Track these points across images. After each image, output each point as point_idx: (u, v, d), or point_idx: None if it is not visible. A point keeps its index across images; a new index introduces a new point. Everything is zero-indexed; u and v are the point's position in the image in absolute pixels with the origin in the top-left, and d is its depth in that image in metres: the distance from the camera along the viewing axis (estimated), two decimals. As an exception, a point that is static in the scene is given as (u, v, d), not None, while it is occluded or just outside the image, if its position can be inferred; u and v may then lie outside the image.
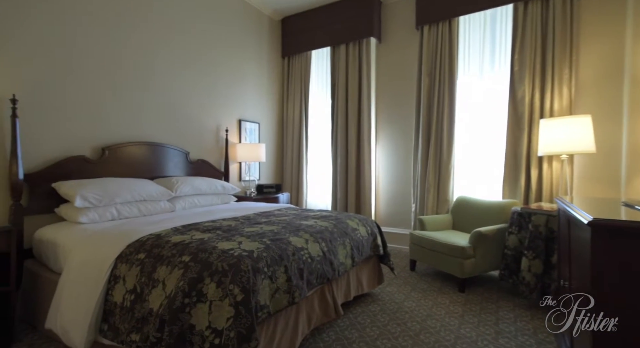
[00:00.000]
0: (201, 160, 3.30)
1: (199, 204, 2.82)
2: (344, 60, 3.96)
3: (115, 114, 2.64)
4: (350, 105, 3.90)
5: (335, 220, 2.06)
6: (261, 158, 3.66)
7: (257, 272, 1.25)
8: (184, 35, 3.16)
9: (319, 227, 1.86)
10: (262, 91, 4.18)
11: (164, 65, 2.98)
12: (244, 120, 3.86)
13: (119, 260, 1.50)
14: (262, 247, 1.40)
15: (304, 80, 4.30)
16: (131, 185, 2.38)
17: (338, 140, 3.99)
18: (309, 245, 1.61)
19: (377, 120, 3.98)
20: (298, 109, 4.33)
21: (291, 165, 4.40)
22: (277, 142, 4.47)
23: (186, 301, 1.13)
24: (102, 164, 2.52)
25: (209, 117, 3.44)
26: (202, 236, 1.54)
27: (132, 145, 2.71)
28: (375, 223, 2.44)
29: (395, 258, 3.38)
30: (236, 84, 3.77)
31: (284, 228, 1.75)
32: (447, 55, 3.34)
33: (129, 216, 2.29)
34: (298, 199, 4.31)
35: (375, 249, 2.30)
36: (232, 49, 3.70)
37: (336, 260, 1.74)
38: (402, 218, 3.81)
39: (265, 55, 4.22)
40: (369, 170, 3.84)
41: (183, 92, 3.17)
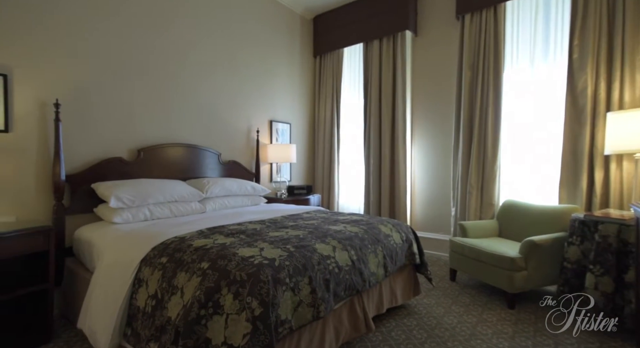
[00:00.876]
0: (232, 161, 3.30)
1: (229, 205, 2.80)
2: (377, 56, 3.77)
3: (149, 117, 2.70)
4: (384, 103, 3.71)
5: (366, 226, 1.91)
6: (292, 159, 3.59)
7: (278, 283, 1.15)
8: (215, 36, 3.18)
9: (348, 233, 1.72)
10: (294, 91, 4.12)
11: (195, 67, 3.02)
12: (275, 121, 3.82)
13: (144, 263, 1.48)
14: (284, 254, 1.30)
15: (335, 78, 4.18)
16: (163, 186, 2.41)
17: (371, 140, 3.82)
18: (337, 254, 1.48)
19: (412, 118, 3.75)
20: (330, 109, 4.22)
21: (322, 166, 4.29)
22: (309, 142, 4.39)
23: (202, 312, 1.06)
24: (138, 165, 2.58)
25: (240, 118, 3.44)
26: (225, 241, 1.47)
27: (166, 146, 2.76)
28: (410, 229, 2.24)
29: (433, 267, 3.13)
30: (267, 85, 3.75)
31: (310, 233, 1.64)
32: (491, 46, 3.04)
33: (161, 217, 2.32)
34: (329, 201, 4.20)
35: (411, 258, 2.11)
36: (263, 49, 3.68)
37: (367, 269, 1.59)
38: (441, 223, 3.55)
39: (297, 55, 4.16)
40: (403, 171, 3.62)
41: (215, 94, 3.18)
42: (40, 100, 2.14)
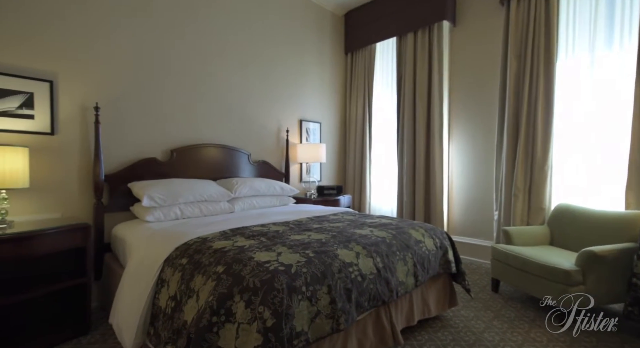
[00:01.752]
0: (262, 161, 3.31)
1: (257, 205, 2.79)
2: (412, 50, 3.57)
3: (181, 118, 2.77)
4: (419, 99, 3.50)
5: (395, 230, 1.77)
6: (321, 158, 3.52)
7: (293, 291, 1.07)
8: (243, 37, 3.19)
9: (375, 238, 1.60)
10: (324, 90, 4.04)
11: (224, 67, 3.05)
12: (304, 120, 3.77)
13: (166, 263, 1.48)
14: (302, 260, 1.22)
15: (367, 75, 4.03)
16: (193, 186, 2.45)
17: (404, 139, 3.63)
18: (360, 261, 1.37)
19: (450, 115, 3.50)
20: (361, 107, 4.08)
21: (354, 166, 4.17)
22: (340, 141, 4.29)
23: (214, 319, 1.01)
24: (171, 165, 2.66)
25: (269, 118, 3.44)
26: (244, 243, 1.43)
27: (197, 147, 2.81)
28: (446, 235, 2.06)
29: (473, 275, 2.88)
30: (297, 84, 3.71)
31: (333, 237, 1.55)
32: (542, 32, 2.73)
33: (191, 216, 2.36)
34: (361, 202, 4.06)
35: (446, 266, 1.93)
36: (292, 48, 3.65)
37: (394, 278, 1.47)
38: (482, 228, 3.27)
39: (328, 53, 4.08)
40: (440, 171, 3.39)
41: (244, 94, 3.20)
42: (81, 104, 2.27)
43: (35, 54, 2.08)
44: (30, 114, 2.07)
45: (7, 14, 1.97)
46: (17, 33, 2.01)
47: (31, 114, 2.08)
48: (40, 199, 2.10)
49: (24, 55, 2.04)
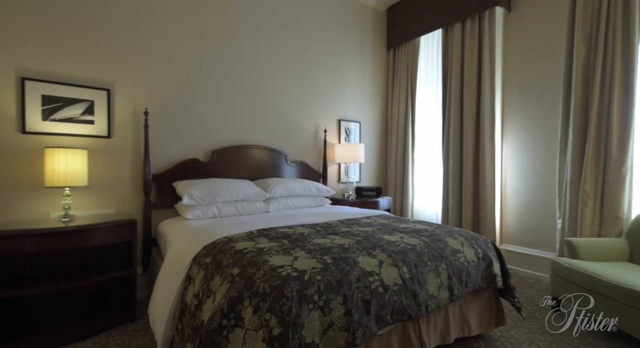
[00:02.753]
0: (300, 162, 3.31)
1: (292, 206, 2.80)
2: (459, 41, 3.30)
3: (221, 120, 2.88)
4: (467, 94, 3.22)
5: (429, 237, 1.62)
6: (360, 159, 3.42)
7: (304, 299, 1.02)
8: (280, 37, 3.22)
9: (404, 245, 1.48)
10: (364, 88, 3.93)
11: (262, 69, 3.10)
12: (343, 120, 3.70)
13: (194, 261, 1.53)
14: (318, 267, 1.16)
15: (410, 71, 3.83)
16: (231, 186, 2.53)
17: (450, 137, 3.36)
18: (383, 270, 1.27)
19: (503, 111, 3.16)
20: (404, 104, 3.89)
21: (395, 166, 3.99)
22: (380, 141, 4.14)
23: (224, 323, 1.00)
24: (212, 166, 2.78)
25: (307, 118, 3.43)
26: (265, 245, 1.42)
27: (236, 148, 2.91)
28: (492, 245, 1.84)
29: (530, 291, 2.56)
30: (336, 83, 3.65)
31: (358, 243, 1.46)
32: (619, 11, 2.32)
33: (227, 214, 2.43)
34: (402, 205, 3.87)
35: (491, 280, 1.72)
36: (331, 47, 3.60)
37: (423, 291, 1.33)
38: (542, 238, 2.90)
39: (368, 50, 3.95)
40: (491, 173, 3.08)
41: (282, 95, 3.23)
42: (133, 109, 2.47)
43: (96, 66, 2.31)
44: (91, 120, 2.31)
45: (73, 33, 2.22)
46: (81, 48, 2.25)
47: (92, 120, 2.31)
48: (98, 196, 2.33)
49: (87, 67, 2.28)
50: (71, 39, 2.22)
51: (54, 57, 2.17)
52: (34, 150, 2.09)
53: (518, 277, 2.86)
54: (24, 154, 2.07)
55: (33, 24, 2.09)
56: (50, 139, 2.15)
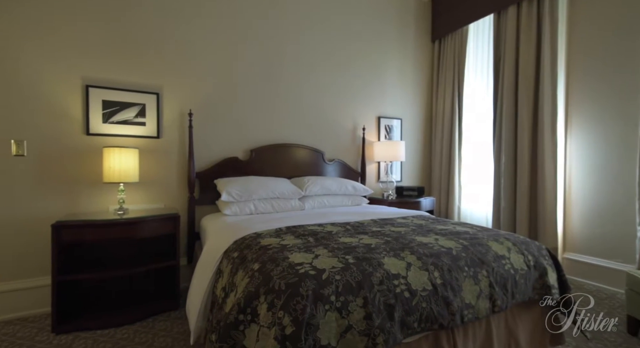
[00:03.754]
0: (337, 160, 3.27)
1: (328, 204, 2.76)
2: (514, 26, 2.98)
3: (259, 119, 2.95)
4: (522, 85, 2.90)
5: (469, 240, 1.47)
6: (400, 157, 3.28)
7: (320, 299, 0.97)
8: (318, 36, 3.21)
9: (438, 247, 1.36)
10: (406, 83, 3.75)
11: (298, 67, 3.12)
12: (383, 117, 3.57)
13: (225, 255, 1.57)
14: (339, 266, 1.11)
15: (457, 63, 3.57)
16: (267, 184, 2.57)
17: (503, 132, 3.06)
18: (410, 273, 1.17)
19: (567, 99, 2.79)
20: (449, 99, 3.64)
21: (440, 165, 3.75)
22: (424, 139, 3.92)
23: (241, 317, 1.00)
24: (250, 164, 2.86)
25: (345, 115, 3.37)
26: (290, 242, 1.40)
27: (273, 146, 2.96)
28: (546, 252, 1.62)
29: (601, 308, 2.21)
30: (376, 79, 3.54)
31: (386, 243, 1.37)
32: None
33: (263, 211, 2.48)
34: (448, 206, 3.63)
35: (544, 291, 1.51)
36: (370, 41, 3.50)
37: (457, 299, 1.20)
38: (617, 247, 2.50)
39: (411, 43, 3.77)
40: (552, 170, 2.73)
41: (319, 93, 3.22)
42: (179, 111, 2.64)
43: (147, 72, 2.51)
44: (143, 122, 2.51)
45: (128, 44, 2.43)
46: (135, 57, 2.46)
47: (143, 122, 2.51)
48: (148, 192, 2.53)
49: (140, 73, 2.49)
50: (127, 48, 2.43)
51: (113, 65, 2.40)
52: (95, 149, 2.33)
53: (584, 291, 2.50)
54: (87, 153, 2.32)
55: (95, 38, 2.33)
56: (108, 139, 2.38)
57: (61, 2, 2.23)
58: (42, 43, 2.19)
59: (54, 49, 2.22)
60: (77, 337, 1.91)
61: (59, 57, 2.24)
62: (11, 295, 2.12)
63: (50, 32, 2.21)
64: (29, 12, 2.15)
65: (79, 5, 2.28)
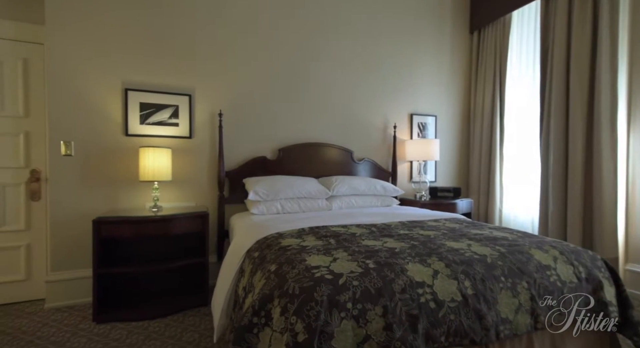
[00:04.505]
0: (366, 160, 3.18)
1: (356, 205, 2.69)
2: (565, 13, 2.70)
3: (287, 118, 2.94)
4: (575, 76, 2.61)
5: (507, 247, 1.33)
6: (434, 156, 3.10)
7: (335, 306, 0.91)
8: (346, 33, 3.13)
9: (470, 254, 1.23)
10: (441, 78, 3.56)
11: (327, 66, 3.07)
12: (416, 114, 3.41)
13: (247, 254, 1.56)
14: (358, 271, 1.04)
15: (499, 55, 3.31)
16: (294, 183, 2.55)
17: (551, 129, 2.78)
18: (437, 281, 1.07)
19: (630, 92, 2.46)
20: (490, 94, 3.39)
21: (479, 165, 3.51)
22: (461, 136, 3.70)
23: (254, 320, 0.97)
24: (278, 163, 2.87)
25: (375, 113, 3.27)
26: (310, 243, 1.36)
27: (301, 146, 2.94)
28: (602, 263, 1.42)
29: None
30: (407, 75, 3.39)
31: (412, 247, 1.28)
32: None
33: (290, 211, 2.46)
34: (487, 208, 3.38)
35: (600, 308, 1.32)
36: (402, 35, 3.36)
37: (492, 312, 1.08)
38: (691, 259, 2.16)
39: (447, 35, 3.57)
40: (611, 171, 2.43)
41: (348, 91, 3.15)
42: (210, 112, 2.70)
43: (181, 75, 2.60)
44: (176, 122, 2.61)
45: (164, 49, 2.54)
46: (169, 60, 2.56)
47: (176, 122, 2.61)
48: (180, 190, 2.62)
49: (174, 76, 2.59)
50: (162, 53, 2.54)
51: (149, 69, 2.51)
52: (132, 149, 2.45)
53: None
54: (126, 153, 2.45)
55: (133, 44, 2.46)
56: (144, 139, 2.50)
57: (102, 13, 2.38)
58: (88, 51, 2.35)
59: (98, 55, 2.37)
60: (114, 327, 2.01)
61: (102, 64, 2.39)
62: (62, 284, 2.30)
63: (95, 41, 2.36)
64: (77, 25, 2.32)
65: (117, 14, 2.42)
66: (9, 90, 2.33)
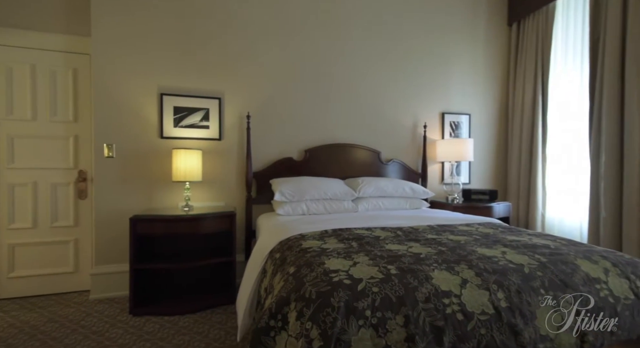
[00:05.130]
0: (395, 161, 3.08)
1: (383, 207, 2.61)
2: (619, -4, 2.44)
3: (313, 119, 2.93)
4: (632, 68, 2.35)
5: (548, 256, 1.20)
6: (467, 156, 2.94)
7: (353, 313, 0.87)
8: (374, 29, 3.06)
9: (505, 263, 1.13)
10: (476, 75, 3.37)
11: (354, 66, 3.02)
12: (448, 113, 3.26)
13: (270, 255, 1.56)
14: (378, 277, 0.99)
15: (541, 47, 3.07)
16: (320, 184, 2.53)
17: (602, 127, 2.52)
18: (466, 291, 0.98)
19: (701, 82, 2.16)
20: (531, 89, 3.15)
21: (518, 166, 3.27)
22: (498, 135, 3.47)
23: (271, 323, 0.95)
24: (304, 164, 2.86)
25: (404, 113, 3.16)
26: (331, 246, 1.32)
27: (327, 146, 2.91)
28: (665, 277, 1.24)
29: None
30: (439, 72, 3.25)
31: (439, 253, 1.19)
32: None
33: (316, 212, 2.45)
34: (528, 213, 3.14)
35: (661, 329, 1.16)
36: (433, 31, 3.22)
37: (529, 328, 0.98)
38: None
39: (482, 29, 3.38)
40: (675, 173, 2.15)
41: (375, 91, 3.08)
42: (239, 114, 2.76)
43: (211, 79, 2.69)
44: (207, 125, 2.70)
45: (196, 55, 2.64)
46: (201, 66, 2.66)
47: (207, 125, 2.70)
48: (210, 190, 2.70)
49: (205, 81, 2.67)
50: (195, 59, 2.64)
51: (182, 74, 2.62)
52: (166, 151, 2.57)
53: None
54: (160, 155, 2.57)
55: (168, 51, 2.58)
56: (177, 142, 2.61)
57: (141, 24, 2.51)
58: (128, 60, 2.49)
59: (136, 63, 2.51)
60: (148, 320, 2.11)
61: (141, 71, 2.53)
62: (104, 278, 2.45)
63: (134, 50, 2.51)
64: (118, 36, 2.47)
65: (154, 26, 2.54)
66: (61, 97, 2.53)
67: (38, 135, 2.49)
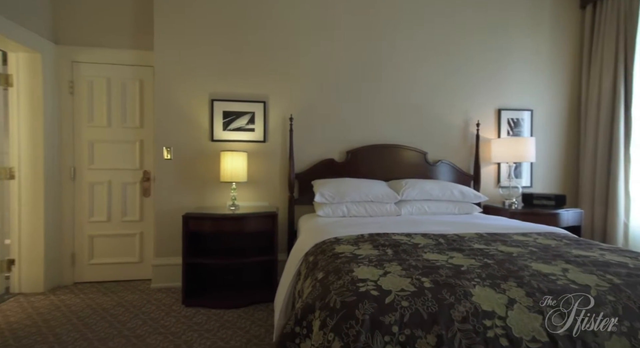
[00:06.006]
0: (443, 162, 2.89)
1: (429, 211, 2.46)
2: None
3: (356, 120, 2.88)
4: None
5: (625, 277, 1.00)
6: (529, 157, 2.64)
7: (378, 328, 0.81)
8: (423, 25, 2.90)
9: (564, 282, 0.97)
10: (539, 66, 3.01)
11: (398, 64, 2.89)
12: (505, 109, 2.96)
13: (304, 257, 1.56)
14: (409, 290, 0.91)
15: (624, 30, 2.64)
16: (361, 186, 2.48)
17: None
18: (512, 313, 0.86)
19: None
20: (610, 80, 2.73)
21: (593, 167, 2.85)
22: (566, 133, 3.06)
23: (297, 330, 0.94)
24: (346, 166, 2.82)
25: (453, 110, 2.95)
26: (365, 252, 1.26)
27: (369, 147, 2.84)
28: None
29: None
30: (494, 65, 2.97)
31: (483, 267, 1.07)
32: None
33: (356, 215, 2.40)
34: (606, 223, 2.72)
35: None
36: (488, 19, 2.96)
37: (595, 363, 0.82)
38: None
39: (547, 13, 3.01)
40: None
41: (421, 89, 2.92)
42: (282, 116, 2.82)
43: (257, 84, 2.79)
44: (252, 128, 2.80)
45: (243, 62, 2.76)
46: (248, 71, 2.77)
47: (253, 128, 2.80)
48: (255, 191, 2.80)
49: (251, 86, 2.78)
50: (242, 66, 2.76)
51: (230, 80, 2.76)
52: (215, 153, 2.72)
53: None
54: (211, 157, 2.73)
55: (217, 59, 2.73)
56: (225, 144, 2.75)
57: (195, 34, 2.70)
58: (184, 69, 2.70)
59: (190, 71, 2.71)
60: (198, 312, 2.25)
61: (194, 79, 2.72)
62: (163, 269, 2.68)
63: (190, 60, 2.70)
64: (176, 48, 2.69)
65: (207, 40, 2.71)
66: (129, 106, 2.84)
67: (112, 139, 2.82)
